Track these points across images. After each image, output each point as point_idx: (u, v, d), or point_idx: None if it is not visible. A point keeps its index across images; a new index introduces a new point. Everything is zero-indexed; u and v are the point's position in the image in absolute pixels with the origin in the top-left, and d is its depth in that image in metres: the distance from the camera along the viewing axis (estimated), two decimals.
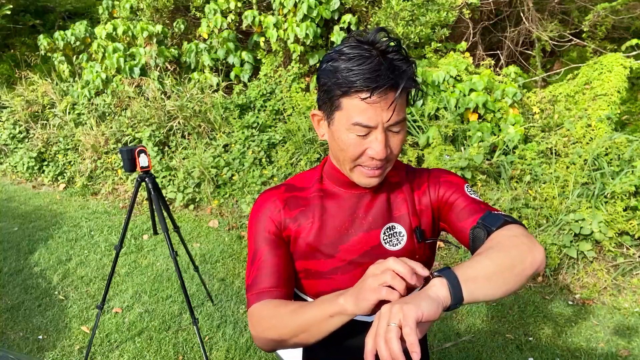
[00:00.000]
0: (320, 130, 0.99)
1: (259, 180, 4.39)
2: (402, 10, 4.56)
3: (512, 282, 0.80)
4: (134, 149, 2.36)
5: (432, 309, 0.70)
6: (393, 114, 0.87)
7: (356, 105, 0.86)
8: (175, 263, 2.40)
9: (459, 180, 1.05)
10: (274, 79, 5.31)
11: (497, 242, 0.86)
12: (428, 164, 3.92)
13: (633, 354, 2.55)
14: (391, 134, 0.91)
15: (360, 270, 1.00)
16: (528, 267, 0.82)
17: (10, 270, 3.55)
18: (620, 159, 3.49)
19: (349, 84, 0.85)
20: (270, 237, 1.01)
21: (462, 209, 0.99)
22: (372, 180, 0.95)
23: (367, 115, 0.86)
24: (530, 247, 0.85)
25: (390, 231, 1.01)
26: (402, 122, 0.91)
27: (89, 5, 8.44)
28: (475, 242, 0.93)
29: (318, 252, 1.01)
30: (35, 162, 5.76)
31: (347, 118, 0.88)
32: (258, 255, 1.00)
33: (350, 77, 0.85)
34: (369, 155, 0.91)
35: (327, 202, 1.03)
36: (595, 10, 5.06)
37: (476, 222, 0.95)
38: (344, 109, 0.88)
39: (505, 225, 0.91)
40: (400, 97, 0.87)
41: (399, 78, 0.85)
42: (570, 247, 3.17)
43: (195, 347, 2.64)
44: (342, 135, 0.90)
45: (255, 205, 1.06)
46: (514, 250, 0.83)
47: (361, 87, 0.84)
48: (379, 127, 0.88)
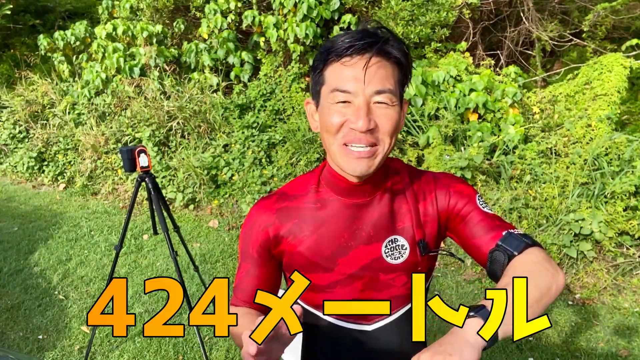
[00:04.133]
0: (314, 123, 0.95)
1: (259, 180, 4.39)
2: (402, 10, 4.56)
3: (538, 312, 0.79)
4: (134, 149, 2.36)
5: (474, 357, 0.67)
6: (374, 79, 0.82)
7: (335, 70, 0.84)
8: (175, 263, 2.40)
9: (470, 191, 1.00)
10: (274, 79, 5.31)
11: (524, 271, 0.83)
12: (428, 164, 3.92)
13: (633, 354, 2.55)
14: (377, 106, 0.84)
15: (360, 284, 0.97)
16: (553, 295, 0.82)
17: (10, 270, 3.55)
18: (620, 159, 3.49)
19: (331, 51, 0.84)
20: (254, 255, 1.00)
21: (476, 224, 0.95)
22: (361, 163, 0.86)
23: (345, 79, 0.83)
24: (554, 274, 0.84)
25: (392, 244, 0.96)
26: (387, 94, 0.84)
27: (89, 5, 8.44)
28: (493, 264, 0.90)
29: (316, 266, 0.97)
30: (35, 162, 5.75)
31: (327, 87, 0.86)
32: (241, 268, 1.03)
33: (334, 46, 0.84)
34: (350, 127, 0.84)
35: (324, 213, 0.97)
36: (595, 10, 5.06)
37: (495, 245, 0.91)
38: (326, 80, 0.86)
39: (526, 249, 0.88)
40: (382, 61, 0.84)
41: (384, 45, 0.83)
42: (570, 247, 3.16)
43: (195, 347, 2.64)
44: (324, 109, 0.87)
45: (247, 218, 1.03)
46: (541, 281, 0.81)
47: (342, 51, 0.83)
48: (360, 95, 0.83)
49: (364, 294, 0.98)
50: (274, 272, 1.03)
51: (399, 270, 0.97)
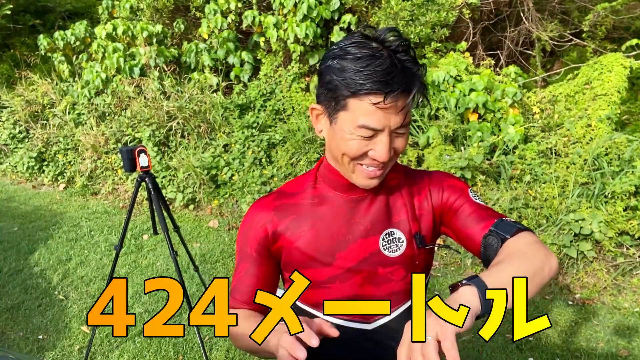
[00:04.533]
0: (318, 125, 0.94)
1: (259, 180, 4.39)
2: (402, 10, 4.56)
3: (534, 289, 0.79)
4: (134, 149, 2.36)
5: (469, 320, 0.67)
6: (403, 117, 0.84)
7: (365, 108, 0.81)
8: (175, 263, 2.40)
9: (462, 185, 1.03)
10: (274, 79, 5.31)
11: (516, 250, 0.85)
12: (428, 164, 3.92)
13: (633, 354, 2.55)
14: (395, 135, 0.87)
15: (359, 278, 0.98)
16: (547, 275, 0.83)
17: (10, 270, 3.55)
18: (620, 159, 3.49)
19: (358, 85, 0.80)
20: (253, 254, 1.01)
21: (468, 215, 0.97)
22: (372, 181, 0.92)
23: (376, 119, 0.82)
24: (547, 256, 0.85)
25: (389, 237, 0.98)
26: (407, 125, 0.88)
27: (89, 5, 8.44)
28: (487, 250, 0.92)
29: (314, 261, 0.98)
30: (35, 162, 5.76)
31: (352, 119, 0.84)
32: (239, 269, 1.02)
33: (361, 79, 0.80)
34: (371, 156, 0.87)
35: (322, 208, 0.99)
36: (595, 10, 5.06)
37: (488, 230, 0.93)
38: (350, 110, 0.84)
39: (518, 233, 0.90)
40: (411, 102, 0.84)
41: (411, 82, 0.81)
42: (570, 247, 3.17)
43: (195, 347, 2.64)
44: (346, 135, 0.86)
45: (245, 217, 1.04)
46: (534, 259, 0.82)
47: (373, 90, 0.79)
48: (386, 131, 0.84)
49: (363, 289, 0.98)
50: (272, 272, 1.03)
51: (397, 264, 0.98)
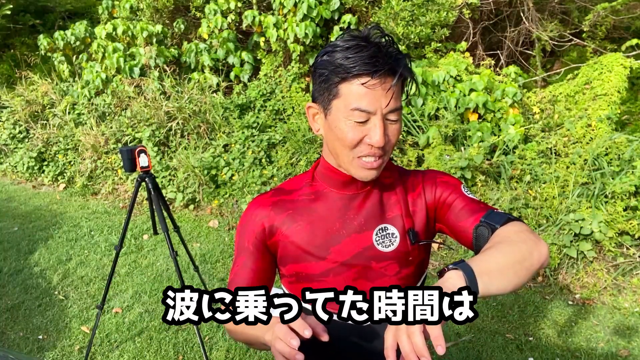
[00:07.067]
0: (315, 125, 0.98)
1: (259, 180, 4.39)
2: (402, 10, 4.56)
3: (522, 275, 0.81)
4: (134, 149, 2.36)
5: None
6: (391, 100, 0.88)
7: (355, 90, 0.87)
8: (176, 263, 2.40)
9: (455, 181, 1.05)
10: (274, 79, 5.31)
11: (505, 237, 0.87)
12: (428, 164, 3.92)
13: (633, 354, 2.55)
14: (388, 122, 0.91)
15: (353, 272, 0.99)
16: (536, 261, 0.84)
17: (10, 270, 3.55)
18: (620, 159, 3.49)
19: (348, 69, 0.86)
20: (250, 248, 1.03)
21: (460, 209, 0.99)
22: (371, 172, 0.94)
23: (366, 100, 0.87)
24: (536, 242, 0.86)
25: (382, 232, 1.00)
26: (399, 111, 0.91)
27: (89, 5, 8.45)
28: (479, 240, 0.94)
29: (309, 255, 1.00)
30: (35, 162, 5.76)
31: (345, 104, 0.88)
32: (237, 262, 1.05)
33: (349, 63, 0.86)
34: (367, 142, 0.90)
35: (317, 204, 1.02)
36: (595, 10, 5.06)
37: (479, 221, 0.95)
38: (342, 95, 0.88)
39: (508, 222, 0.92)
40: (397, 83, 0.88)
41: (395, 64, 0.87)
42: (570, 247, 3.17)
43: (195, 347, 2.64)
44: (340, 123, 0.90)
45: (244, 212, 1.07)
46: (522, 245, 0.84)
47: (360, 71, 0.85)
48: (378, 114, 0.88)
49: (357, 283, 1.00)
50: (269, 266, 1.05)
51: (390, 259, 1.00)
